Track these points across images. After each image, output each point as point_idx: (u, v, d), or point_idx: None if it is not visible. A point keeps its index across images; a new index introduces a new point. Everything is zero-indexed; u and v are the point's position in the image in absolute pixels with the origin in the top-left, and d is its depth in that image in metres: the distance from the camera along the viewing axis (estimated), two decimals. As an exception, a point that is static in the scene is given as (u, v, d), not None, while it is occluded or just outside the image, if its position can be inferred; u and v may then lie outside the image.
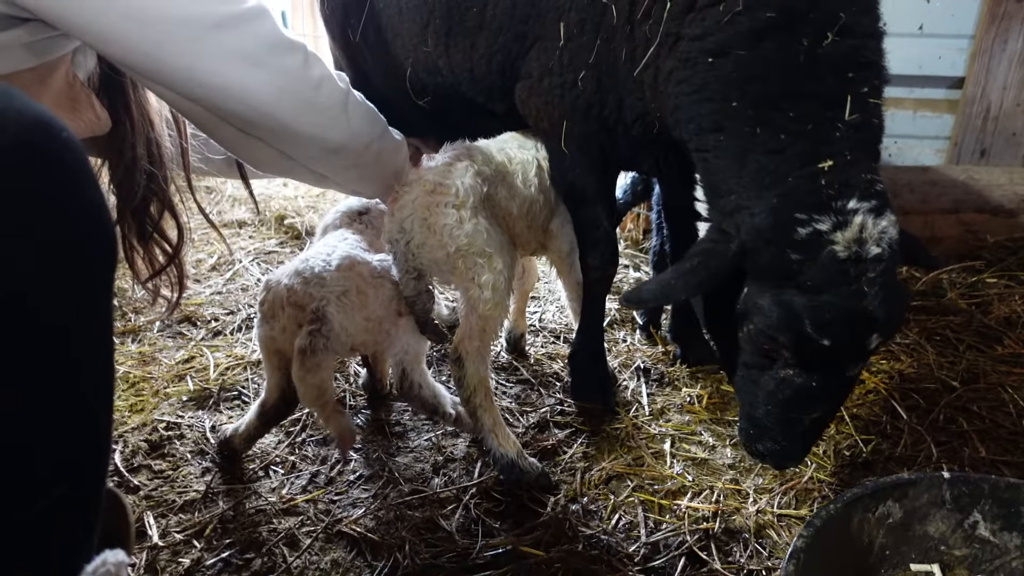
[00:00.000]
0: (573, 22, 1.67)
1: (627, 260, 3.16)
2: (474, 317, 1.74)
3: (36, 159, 0.76)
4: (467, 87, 1.98)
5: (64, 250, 0.79)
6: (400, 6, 1.97)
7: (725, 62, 1.41)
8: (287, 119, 1.36)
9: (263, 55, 1.27)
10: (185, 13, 1.16)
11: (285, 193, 4.06)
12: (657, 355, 2.39)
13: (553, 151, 1.93)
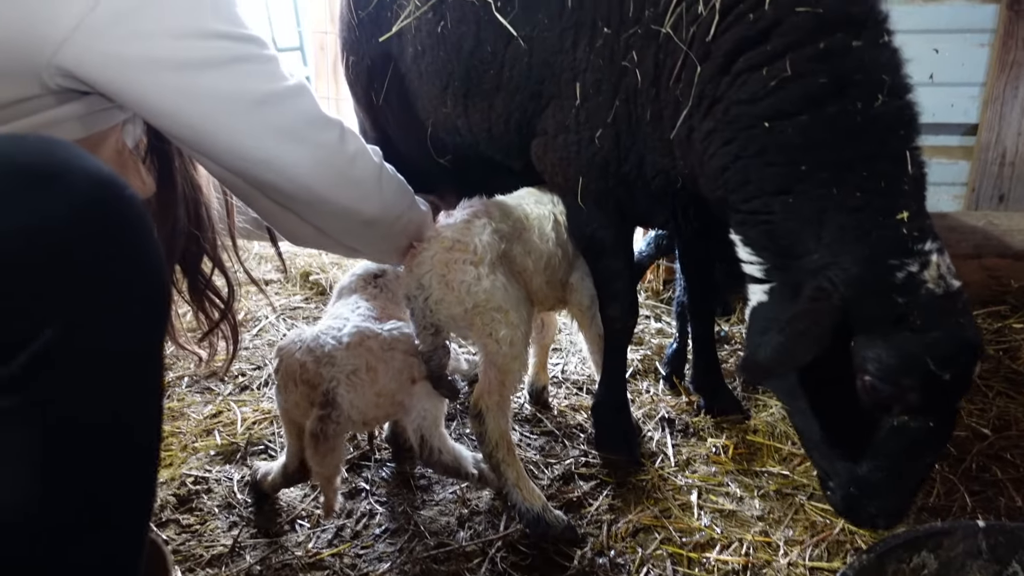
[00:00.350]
0: (589, 82, 1.73)
1: (648, 311, 3.17)
2: (493, 372, 1.76)
3: (103, 216, 0.82)
4: (485, 145, 2.04)
5: (126, 301, 0.84)
6: (421, 71, 2.05)
7: (785, 126, 1.45)
8: (323, 191, 1.41)
9: (302, 130, 1.33)
10: (231, 90, 1.23)
11: (310, 251, 4.14)
12: (681, 405, 2.38)
13: (570, 206, 1.97)
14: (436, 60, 1.97)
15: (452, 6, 1.89)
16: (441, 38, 1.94)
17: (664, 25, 1.57)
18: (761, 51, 1.48)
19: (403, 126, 2.27)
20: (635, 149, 1.75)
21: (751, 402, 2.40)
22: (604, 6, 1.69)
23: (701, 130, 1.57)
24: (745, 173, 1.51)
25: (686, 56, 1.56)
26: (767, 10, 1.47)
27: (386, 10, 2.11)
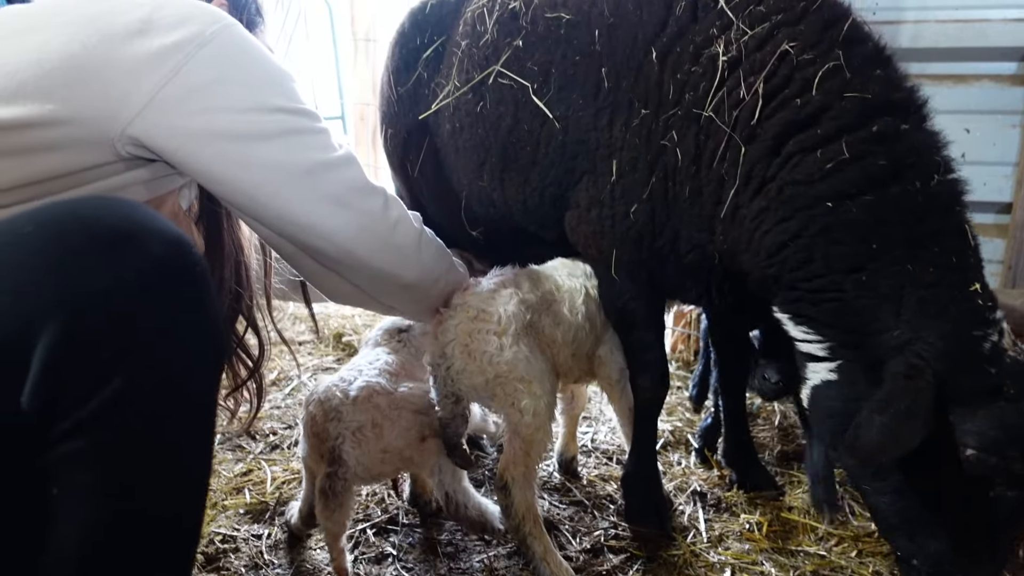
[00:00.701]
0: (625, 160, 1.78)
1: (679, 381, 3.15)
2: (517, 442, 1.76)
3: (173, 273, 0.90)
4: (520, 217, 2.09)
5: (188, 352, 0.92)
6: (458, 146, 2.12)
7: (849, 206, 1.49)
8: (365, 256, 1.49)
9: (349, 197, 1.42)
10: (285, 160, 1.31)
11: (343, 312, 4.21)
12: (713, 479, 2.34)
13: (602, 277, 1.99)
14: (474, 137, 2.05)
15: (491, 88, 1.97)
16: (479, 117, 2.02)
17: (706, 109, 1.63)
18: (812, 134, 1.53)
19: (437, 197, 2.35)
20: (670, 224, 1.78)
21: (785, 478, 2.35)
22: (642, 88, 1.75)
23: (751, 208, 1.60)
24: (808, 251, 1.54)
25: (730, 138, 1.61)
26: (815, 95, 1.53)
27: (424, 87, 2.21)
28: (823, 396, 1.61)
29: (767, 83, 1.57)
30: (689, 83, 1.67)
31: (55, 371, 0.80)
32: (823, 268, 1.53)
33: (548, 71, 1.89)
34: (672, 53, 1.71)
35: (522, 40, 1.93)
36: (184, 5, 1.27)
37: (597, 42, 1.82)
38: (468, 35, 2.06)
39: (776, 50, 1.58)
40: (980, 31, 3.25)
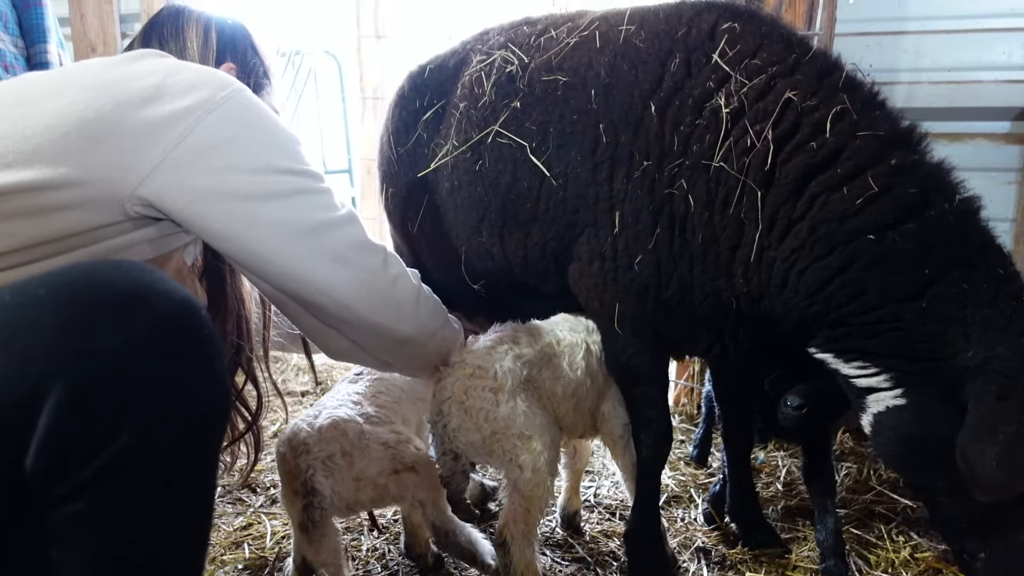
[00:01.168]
0: (628, 212, 1.82)
1: (682, 435, 3.13)
2: (517, 498, 1.75)
3: (181, 334, 0.92)
4: (520, 271, 2.11)
5: (194, 410, 0.93)
6: (456, 203, 2.16)
7: (892, 236, 1.54)
8: (364, 311, 1.52)
9: (350, 255, 1.46)
10: (288, 219, 1.36)
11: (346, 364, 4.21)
12: (717, 536, 2.31)
13: (605, 332, 2.00)
14: (473, 195, 2.09)
15: (490, 147, 2.02)
16: (478, 175, 2.06)
17: (714, 159, 1.69)
18: (833, 174, 1.59)
19: (437, 253, 2.38)
20: (678, 274, 1.80)
21: (790, 534, 2.32)
22: (642, 142, 1.80)
23: (781, 250, 1.64)
24: (860, 284, 1.57)
25: (744, 184, 1.66)
26: (829, 138, 1.60)
27: (423, 147, 2.26)
28: (893, 422, 1.62)
29: (775, 129, 1.64)
30: (694, 135, 1.73)
31: (60, 432, 0.80)
32: (879, 300, 1.56)
33: (546, 130, 1.94)
34: (671, 107, 1.77)
35: (520, 102, 1.99)
36: (196, 71, 1.34)
37: (594, 101, 1.88)
38: (466, 97, 2.12)
39: (779, 99, 1.65)
40: (973, 91, 3.33)
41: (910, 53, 3.33)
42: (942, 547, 2.19)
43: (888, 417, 1.62)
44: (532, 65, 2.02)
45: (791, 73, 1.69)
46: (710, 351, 1.94)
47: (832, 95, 1.64)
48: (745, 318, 1.79)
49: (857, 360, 1.63)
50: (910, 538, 2.26)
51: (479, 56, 2.16)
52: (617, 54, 1.90)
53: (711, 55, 1.76)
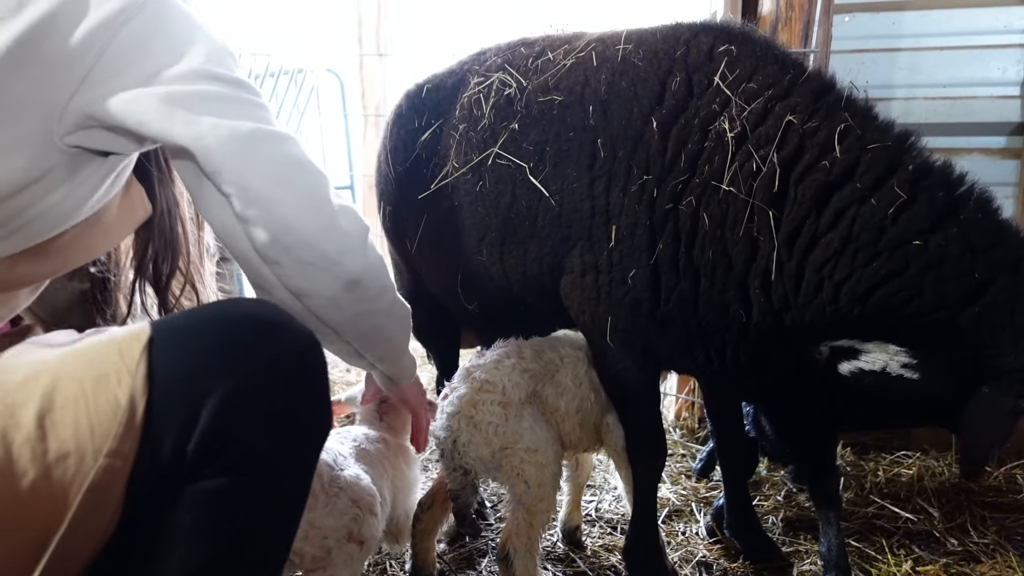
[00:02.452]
0: (623, 225, 1.84)
1: (683, 450, 3.13)
2: (521, 512, 1.76)
3: (309, 360, 1.14)
4: (519, 288, 2.12)
5: (313, 425, 1.15)
6: (456, 224, 2.17)
7: (939, 240, 1.57)
8: (305, 233, 1.30)
9: (289, 172, 1.29)
10: (225, 121, 1.23)
11: (348, 379, 4.23)
12: (719, 549, 2.31)
13: (596, 346, 2.01)
14: (474, 215, 2.11)
15: (490, 168, 2.05)
16: (479, 195, 2.09)
17: (724, 182, 1.72)
18: (853, 188, 1.63)
19: (435, 272, 2.39)
20: (679, 289, 1.81)
21: (792, 547, 2.32)
22: (642, 156, 1.83)
23: (811, 261, 1.67)
24: (913, 289, 1.60)
25: (753, 205, 1.70)
26: (839, 156, 1.64)
27: (422, 167, 2.28)
28: (893, 383, 1.72)
29: (780, 152, 1.68)
30: (703, 155, 1.77)
31: (216, 427, 1.01)
32: (935, 304, 1.59)
33: (543, 150, 1.97)
34: (676, 125, 1.81)
35: (518, 123, 2.02)
36: None
37: (591, 117, 1.91)
38: (466, 119, 2.15)
39: (780, 122, 1.69)
40: (968, 107, 3.37)
41: (905, 70, 3.37)
42: (943, 560, 2.19)
43: (879, 377, 1.71)
44: (529, 87, 2.06)
45: (787, 95, 1.74)
46: (701, 366, 1.95)
47: (832, 114, 1.69)
48: (751, 330, 1.80)
49: (888, 342, 1.69)
50: (911, 551, 2.26)
51: (477, 78, 2.20)
52: (615, 72, 1.93)
53: (712, 77, 1.79)
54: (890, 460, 2.96)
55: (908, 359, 1.70)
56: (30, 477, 0.95)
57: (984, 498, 2.61)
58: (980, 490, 2.68)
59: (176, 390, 1.03)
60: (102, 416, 1.00)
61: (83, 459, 0.98)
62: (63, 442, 0.98)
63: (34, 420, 0.97)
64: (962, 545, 2.29)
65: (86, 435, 0.99)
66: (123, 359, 1.03)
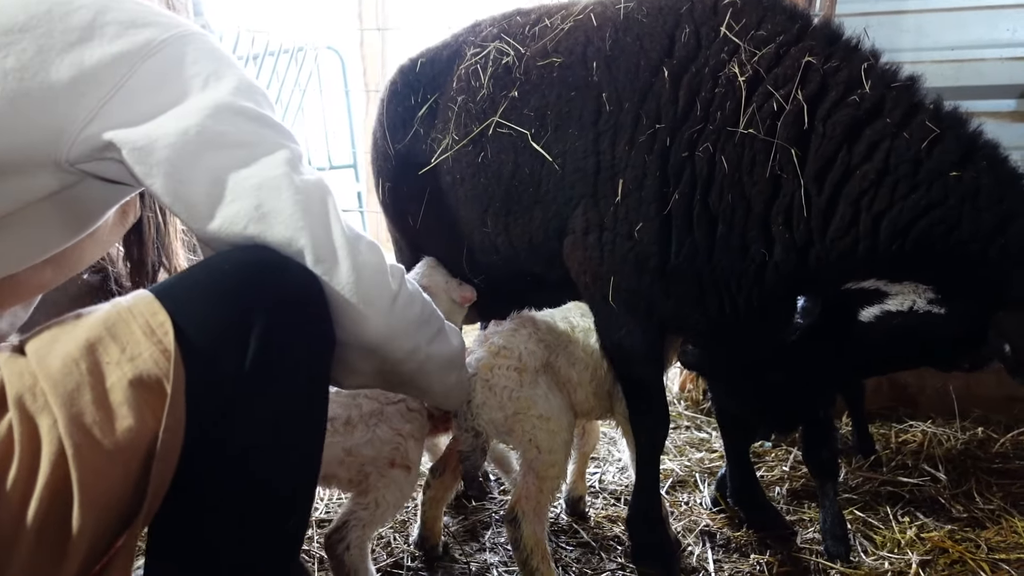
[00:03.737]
0: (630, 178, 1.83)
1: (687, 421, 3.13)
2: (531, 477, 1.78)
3: (317, 289, 1.22)
4: (526, 257, 2.11)
5: (327, 336, 1.25)
6: (459, 196, 2.16)
7: (973, 172, 1.60)
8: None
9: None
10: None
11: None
12: (723, 519, 2.31)
13: (598, 310, 2.00)
14: (476, 186, 2.10)
15: (491, 138, 2.03)
16: (481, 166, 2.07)
17: (740, 125, 1.73)
18: (883, 123, 1.65)
19: (439, 248, 2.37)
20: (692, 239, 1.81)
21: (796, 516, 2.32)
22: (652, 106, 1.83)
23: (846, 194, 1.67)
24: (952, 220, 1.61)
25: (775, 144, 1.70)
26: (868, 91, 1.67)
27: (421, 143, 2.26)
28: (914, 321, 1.77)
29: (803, 90, 1.70)
30: (715, 102, 1.78)
31: (268, 346, 1.13)
32: (971, 234, 1.61)
33: (544, 115, 1.96)
34: (687, 74, 1.81)
35: (517, 91, 2.00)
36: (132, 7, 1.17)
37: (594, 73, 1.90)
38: (464, 90, 2.13)
39: (798, 63, 1.72)
40: (977, 70, 3.30)
41: (912, 32, 3.30)
42: (948, 527, 2.19)
43: (907, 317, 1.77)
44: (527, 54, 2.03)
45: (798, 40, 1.77)
46: (719, 315, 1.90)
47: (850, 55, 1.73)
48: (769, 271, 1.80)
49: (913, 280, 1.74)
50: (916, 518, 2.26)
51: (473, 48, 2.17)
52: (619, 29, 1.92)
53: (719, 28, 1.81)
54: (897, 430, 2.95)
55: (934, 295, 1.75)
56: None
57: (991, 464, 2.60)
58: (986, 456, 2.67)
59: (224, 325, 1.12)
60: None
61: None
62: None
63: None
64: (967, 511, 2.29)
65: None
66: (152, 334, 1.07)
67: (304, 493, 1.30)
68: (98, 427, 0.99)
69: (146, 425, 1.03)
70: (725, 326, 1.92)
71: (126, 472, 1.01)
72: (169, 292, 1.13)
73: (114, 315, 1.08)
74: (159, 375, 1.04)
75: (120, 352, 1.04)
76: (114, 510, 1.02)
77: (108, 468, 1.00)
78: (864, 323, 1.87)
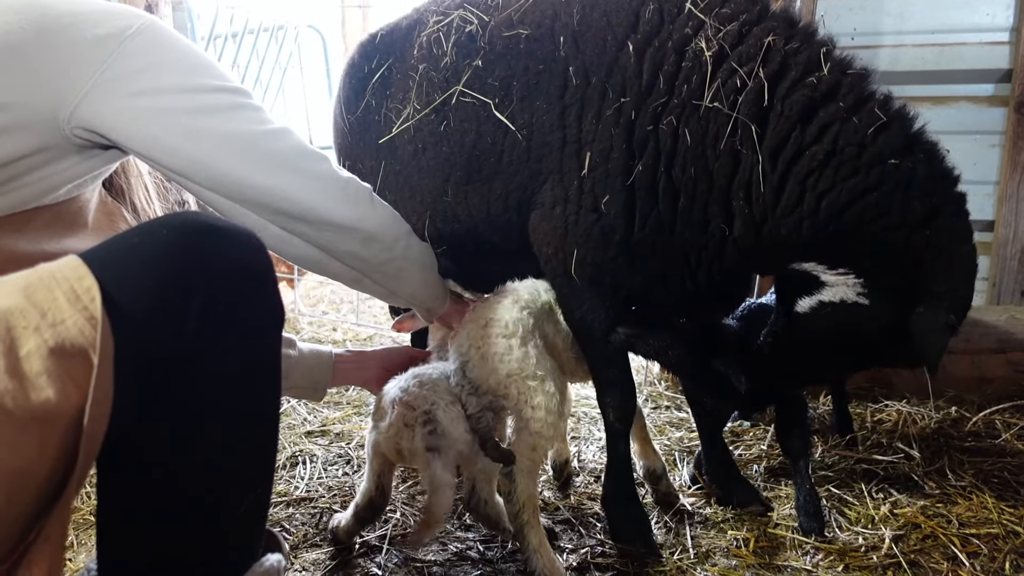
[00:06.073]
0: (596, 151, 1.84)
1: (667, 401, 3.16)
2: (526, 434, 1.84)
3: (262, 256, 1.21)
4: (484, 227, 2.11)
5: (275, 307, 1.25)
6: (420, 166, 2.15)
7: (910, 162, 1.66)
8: (324, 211, 1.56)
9: (298, 162, 1.51)
10: (233, 131, 1.41)
11: (334, 337, 4.23)
12: (701, 496, 2.34)
13: (561, 285, 2.01)
14: (438, 155, 2.09)
15: (454, 107, 2.02)
16: (443, 136, 2.06)
17: (704, 100, 1.75)
18: (836, 106, 1.69)
19: None
20: (657, 211, 1.84)
21: (773, 493, 2.35)
22: (618, 79, 1.84)
23: (795, 172, 1.72)
24: (884, 206, 1.67)
25: (736, 120, 1.73)
26: (826, 75, 1.71)
27: (372, 114, 2.24)
28: (841, 313, 1.85)
29: (765, 68, 1.73)
30: (680, 76, 1.79)
31: (209, 318, 1.11)
32: (899, 221, 1.67)
33: (509, 84, 1.95)
34: (651, 47, 1.82)
35: (481, 60, 1.99)
36: (104, 5, 1.35)
37: (562, 48, 1.91)
38: (425, 59, 2.11)
39: (760, 43, 1.75)
40: (957, 54, 3.32)
41: (894, 16, 3.32)
42: (921, 503, 2.23)
43: (837, 308, 1.84)
44: (492, 23, 2.02)
45: (760, 21, 1.80)
46: (682, 287, 1.95)
47: (810, 39, 1.77)
48: (729, 245, 1.83)
49: (843, 269, 1.79)
50: (890, 495, 2.30)
51: (436, 16, 2.15)
52: (586, 5, 1.93)
53: (683, 4, 1.84)
54: (873, 409, 2.99)
55: (862, 287, 1.81)
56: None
57: (963, 443, 2.64)
58: (959, 435, 2.71)
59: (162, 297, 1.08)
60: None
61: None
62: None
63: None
64: (940, 488, 2.32)
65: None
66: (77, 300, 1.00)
67: (258, 473, 1.26)
68: (10, 397, 0.90)
69: (68, 398, 0.95)
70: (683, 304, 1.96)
71: (42, 446, 0.94)
72: (99, 257, 1.05)
73: (35, 280, 0.99)
74: (84, 344, 0.96)
75: (40, 318, 0.95)
76: (31, 488, 0.94)
77: (21, 440, 0.92)
78: (801, 313, 1.93)
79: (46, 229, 1.34)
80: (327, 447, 2.77)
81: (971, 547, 1.99)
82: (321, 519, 2.22)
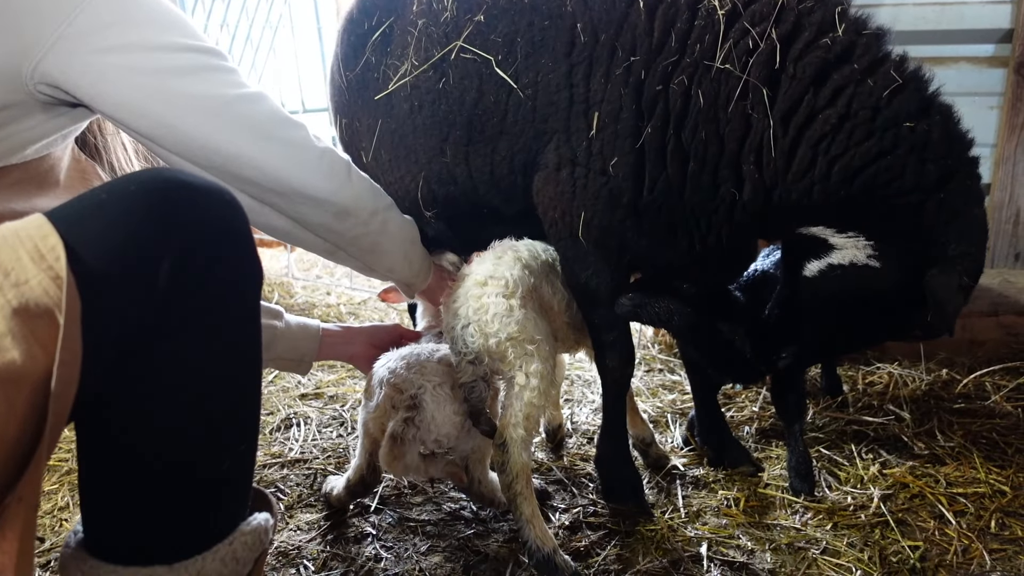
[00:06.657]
0: (606, 112, 1.80)
1: (660, 364, 3.17)
2: (519, 403, 1.77)
3: (239, 213, 1.17)
4: (485, 190, 2.06)
5: (254, 263, 1.21)
6: (416, 125, 2.09)
7: (924, 126, 1.63)
8: (296, 182, 1.51)
9: (272, 128, 1.46)
10: (203, 93, 1.36)
11: (328, 301, 4.22)
12: (693, 457, 2.36)
13: (565, 248, 1.97)
14: (436, 114, 2.03)
15: (453, 64, 1.96)
16: (442, 93, 2.00)
17: (716, 61, 1.71)
18: (851, 68, 1.66)
19: (392, 180, 2.27)
20: (666, 173, 1.80)
21: (764, 454, 2.37)
22: (627, 38, 1.79)
23: (808, 136, 1.68)
24: (898, 169, 1.64)
25: (747, 82, 1.69)
26: (841, 36, 1.67)
27: (373, 71, 2.18)
28: (852, 277, 1.84)
29: (778, 29, 1.69)
30: (692, 34, 1.75)
31: (181, 272, 1.07)
32: (913, 185, 1.65)
33: (513, 41, 1.89)
34: (663, 3, 1.78)
35: (483, 15, 1.93)
36: None
37: (568, 3, 1.85)
38: (425, 14, 2.04)
39: (774, 1, 1.71)
40: (958, 13, 3.28)
41: (895, -26, 3.26)
42: (909, 463, 2.25)
43: (847, 271, 1.83)
44: (495, -25, 1.95)
45: None
46: (689, 252, 1.92)
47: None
48: (738, 210, 1.81)
49: (853, 232, 1.77)
50: (879, 455, 2.32)
51: (438, -29, 2.08)
52: None
53: None
54: (864, 371, 3.01)
55: (872, 250, 1.79)
56: None
57: (953, 404, 2.67)
58: (949, 397, 2.74)
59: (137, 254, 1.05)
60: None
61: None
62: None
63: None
64: (929, 449, 2.35)
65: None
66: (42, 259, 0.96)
67: (240, 432, 1.24)
68: None
69: (35, 359, 0.92)
70: (688, 267, 1.93)
71: (9, 407, 0.91)
72: (65, 215, 1.01)
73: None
74: (49, 304, 0.93)
75: (3, 278, 0.92)
76: (0, 449, 0.92)
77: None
78: (809, 277, 1.91)
79: (14, 188, 1.30)
80: (321, 409, 2.79)
81: (958, 506, 2.02)
82: (315, 480, 2.24)
